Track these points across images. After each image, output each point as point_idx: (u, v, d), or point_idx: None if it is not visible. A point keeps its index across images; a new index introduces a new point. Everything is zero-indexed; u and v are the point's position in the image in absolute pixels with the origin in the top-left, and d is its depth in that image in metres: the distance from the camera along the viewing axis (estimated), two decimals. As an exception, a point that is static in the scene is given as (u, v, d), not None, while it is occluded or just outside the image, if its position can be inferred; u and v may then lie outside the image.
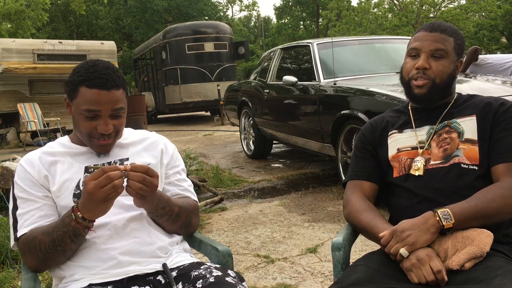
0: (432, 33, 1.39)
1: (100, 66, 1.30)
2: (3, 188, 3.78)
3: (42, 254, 1.24)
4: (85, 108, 1.28)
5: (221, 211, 3.96)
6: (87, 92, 1.27)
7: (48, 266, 1.29)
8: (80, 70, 1.30)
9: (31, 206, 1.29)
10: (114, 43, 12.64)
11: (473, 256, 1.14)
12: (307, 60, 5.02)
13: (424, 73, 1.37)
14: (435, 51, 1.37)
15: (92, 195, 1.14)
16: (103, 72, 1.28)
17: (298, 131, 4.94)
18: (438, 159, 1.34)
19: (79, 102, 1.29)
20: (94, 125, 1.29)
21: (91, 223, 1.20)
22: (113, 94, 1.28)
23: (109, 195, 1.14)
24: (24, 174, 1.32)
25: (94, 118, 1.29)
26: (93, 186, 1.13)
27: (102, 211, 1.19)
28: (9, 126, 11.14)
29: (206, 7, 29.97)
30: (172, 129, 12.42)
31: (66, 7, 24.64)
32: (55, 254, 1.23)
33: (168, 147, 1.50)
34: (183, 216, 1.39)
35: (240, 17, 54.21)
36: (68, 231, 1.20)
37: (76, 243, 1.24)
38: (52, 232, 1.22)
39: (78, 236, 1.22)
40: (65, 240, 1.21)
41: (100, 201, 1.15)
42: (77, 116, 1.31)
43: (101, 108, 1.28)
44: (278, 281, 2.50)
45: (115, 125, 1.32)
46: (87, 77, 1.27)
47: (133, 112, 8.45)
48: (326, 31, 35.49)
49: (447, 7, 29.25)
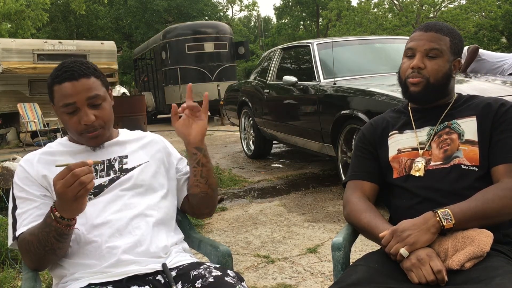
0: (427, 33, 1.39)
1: (67, 62, 1.34)
2: (3, 188, 3.78)
3: (34, 255, 1.24)
4: (61, 104, 1.31)
5: (221, 211, 3.96)
6: (59, 88, 1.31)
7: (44, 265, 1.29)
8: (52, 73, 1.34)
9: (29, 205, 1.29)
10: (114, 43, 12.63)
11: (473, 256, 1.14)
12: (307, 60, 5.02)
13: (419, 72, 1.38)
14: (429, 50, 1.37)
15: (62, 195, 1.10)
16: (70, 66, 1.31)
17: (298, 131, 4.94)
18: (439, 160, 1.34)
19: (57, 101, 1.33)
20: (77, 120, 1.31)
21: (71, 221, 1.18)
22: (83, 82, 1.30)
23: (78, 193, 1.10)
24: (23, 173, 1.33)
25: (74, 112, 1.31)
26: (60, 186, 1.10)
27: (77, 209, 1.15)
28: (9, 126, 11.14)
29: (206, 7, 29.98)
30: (172, 129, 12.36)
31: (66, 7, 24.63)
32: (45, 254, 1.23)
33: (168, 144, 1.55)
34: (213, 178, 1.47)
35: (240, 17, 54.27)
36: (51, 231, 1.18)
37: (62, 241, 1.21)
38: (37, 233, 1.21)
39: (62, 235, 1.19)
40: (50, 240, 1.19)
41: (70, 200, 1.11)
42: (61, 116, 1.34)
43: (76, 99, 1.30)
44: (278, 281, 2.50)
45: (97, 116, 1.33)
46: (56, 75, 1.32)
47: (133, 112, 8.44)
48: (326, 31, 35.51)
49: (447, 7, 29.25)
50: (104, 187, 1.34)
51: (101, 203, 1.33)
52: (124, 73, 30.94)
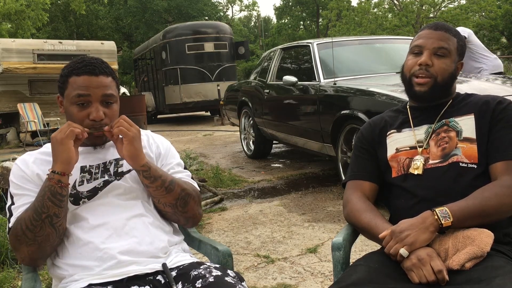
0: (437, 32, 1.40)
1: (88, 58, 1.37)
2: (3, 188, 3.78)
3: (30, 231, 1.22)
4: (75, 94, 1.32)
5: (221, 211, 3.96)
6: (77, 80, 1.33)
7: (40, 247, 1.24)
8: (69, 65, 1.36)
9: (26, 200, 1.29)
10: (114, 43, 12.63)
11: (474, 256, 1.14)
12: (307, 60, 5.02)
13: (427, 69, 1.37)
14: (438, 49, 1.38)
15: (53, 139, 1.24)
16: (91, 62, 1.35)
17: (298, 131, 4.94)
18: (437, 158, 1.35)
19: (69, 92, 1.33)
20: (86, 114, 1.32)
21: (63, 177, 1.23)
22: (102, 79, 1.33)
23: (66, 133, 1.23)
24: (18, 172, 1.34)
25: (86, 105, 1.32)
26: (55, 132, 1.25)
27: (64, 154, 1.23)
28: (9, 126, 11.14)
29: (206, 7, 29.97)
30: (172, 129, 12.41)
31: (66, 7, 24.62)
32: (43, 225, 1.22)
33: (164, 143, 1.52)
34: (178, 188, 1.37)
35: (240, 17, 54.27)
36: (45, 193, 1.22)
37: (57, 204, 1.23)
38: (33, 204, 1.25)
39: (56, 195, 1.22)
40: (45, 203, 1.22)
41: (59, 141, 1.23)
42: (69, 107, 1.34)
43: (91, 93, 1.31)
44: (278, 281, 2.50)
45: (107, 114, 1.34)
46: (75, 67, 1.34)
47: (133, 112, 8.45)
48: (326, 31, 35.50)
49: (447, 7, 29.24)
50: (98, 190, 1.34)
51: (96, 205, 1.33)
52: (124, 73, 30.95)
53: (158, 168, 1.37)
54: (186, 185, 1.42)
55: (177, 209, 1.39)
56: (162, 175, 1.36)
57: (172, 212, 1.40)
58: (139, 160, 1.32)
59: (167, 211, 1.40)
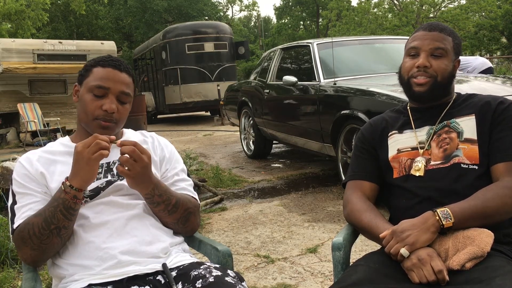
0: (432, 32, 1.39)
1: (114, 56, 1.42)
2: (3, 188, 3.78)
3: (37, 238, 1.22)
4: (95, 84, 1.35)
5: (221, 211, 3.96)
6: (100, 70, 1.37)
7: (43, 254, 1.26)
8: (95, 58, 1.41)
9: (29, 199, 1.29)
10: (114, 43, 12.64)
11: (474, 256, 1.14)
12: (307, 60, 5.02)
13: (425, 71, 1.37)
14: (434, 49, 1.38)
15: (79, 154, 1.19)
16: (117, 59, 1.41)
17: (298, 131, 4.94)
18: (438, 160, 1.34)
19: (90, 80, 1.37)
20: (100, 104, 1.34)
21: (79, 193, 1.21)
22: (124, 76, 1.38)
23: (93, 154, 1.18)
24: (21, 170, 1.33)
25: (101, 97, 1.35)
26: (80, 145, 1.21)
27: (87, 174, 1.21)
28: (9, 126, 11.14)
29: (206, 7, 30.00)
30: (172, 129, 12.42)
31: (66, 7, 24.64)
32: (50, 235, 1.22)
33: (168, 147, 1.52)
34: (181, 209, 1.38)
35: (240, 17, 54.32)
36: (59, 205, 1.21)
37: (68, 218, 1.22)
38: (44, 211, 1.23)
39: (69, 209, 1.21)
40: (57, 215, 1.21)
41: (85, 160, 1.19)
42: (85, 95, 1.36)
43: (111, 86, 1.35)
44: (278, 281, 2.50)
45: (119, 110, 1.37)
46: (102, 59, 1.39)
47: (133, 112, 8.37)
48: (326, 31, 35.51)
49: (447, 7, 29.25)
50: (100, 189, 1.34)
51: (98, 205, 1.33)
52: (124, 73, 30.87)
53: (163, 193, 1.34)
54: (190, 202, 1.43)
55: (178, 226, 1.42)
56: (166, 200, 1.35)
57: (172, 226, 1.42)
58: (140, 190, 1.33)
59: (168, 224, 1.41)
